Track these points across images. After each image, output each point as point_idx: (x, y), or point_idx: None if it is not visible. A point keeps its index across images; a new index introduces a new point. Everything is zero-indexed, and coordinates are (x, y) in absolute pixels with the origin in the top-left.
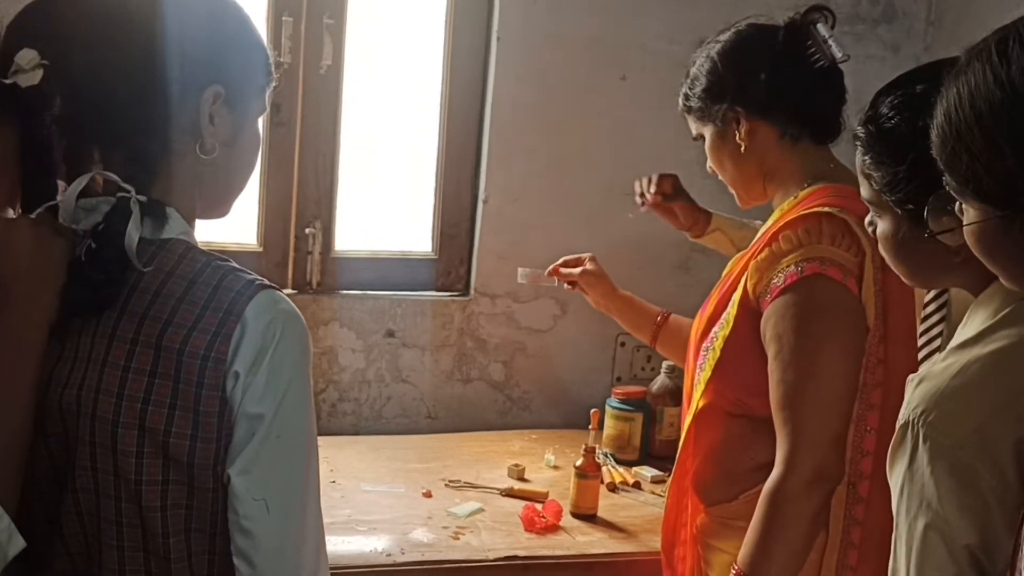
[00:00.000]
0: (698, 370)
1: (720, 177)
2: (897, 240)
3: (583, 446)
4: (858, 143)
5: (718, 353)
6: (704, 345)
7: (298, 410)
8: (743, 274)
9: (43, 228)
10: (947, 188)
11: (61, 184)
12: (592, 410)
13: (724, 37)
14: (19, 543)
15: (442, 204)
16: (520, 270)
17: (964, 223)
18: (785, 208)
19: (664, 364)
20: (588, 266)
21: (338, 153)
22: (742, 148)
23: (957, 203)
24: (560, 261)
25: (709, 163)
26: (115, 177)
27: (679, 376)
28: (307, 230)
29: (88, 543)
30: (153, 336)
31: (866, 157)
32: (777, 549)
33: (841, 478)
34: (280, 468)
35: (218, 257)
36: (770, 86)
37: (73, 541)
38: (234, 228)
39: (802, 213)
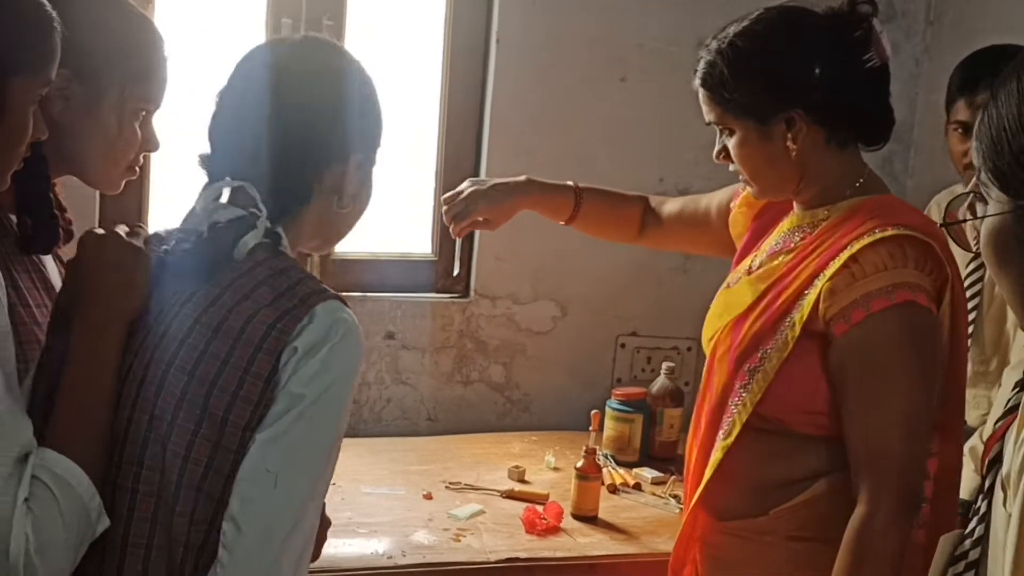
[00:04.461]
0: (740, 391)
1: (740, 171)
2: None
3: (583, 447)
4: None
5: (771, 376)
6: (748, 366)
7: (335, 406)
8: (800, 292)
9: (131, 245)
10: None
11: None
12: (592, 411)
13: (766, 21)
14: (105, 522)
15: (442, 206)
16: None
17: None
18: (823, 216)
19: (664, 365)
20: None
21: None
22: (792, 153)
23: None
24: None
25: (721, 153)
26: (256, 197)
27: (679, 377)
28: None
29: (102, 485)
30: (229, 303)
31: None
32: None
33: (922, 505)
34: (302, 451)
35: (302, 267)
36: (831, 86)
37: None
38: None
39: (881, 236)
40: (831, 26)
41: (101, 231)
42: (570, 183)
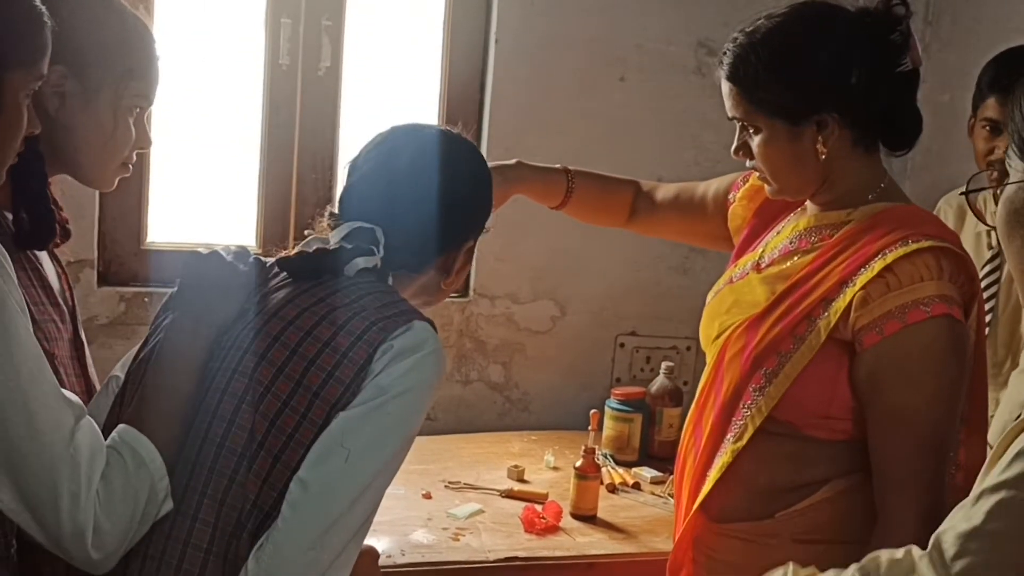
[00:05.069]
0: (755, 394)
1: (760, 170)
2: None
3: (583, 447)
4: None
5: (791, 381)
6: (766, 369)
7: (412, 407)
8: (826, 297)
9: (228, 264)
10: None
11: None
12: (591, 411)
13: (802, 18)
14: (169, 505)
15: None
16: None
17: None
18: (843, 219)
19: (663, 365)
20: None
21: (336, 155)
22: (821, 155)
23: None
24: None
25: (740, 150)
26: (381, 240)
27: (678, 377)
28: (306, 232)
29: (191, 438)
30: (336, 303)
31: None
32: None
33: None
34: (376, 436)
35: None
36: (868, 89)
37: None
38: (233, 229)
39: (916, 247)
40: (867, 26)
41: (204, 251)
42: (560, 166)
